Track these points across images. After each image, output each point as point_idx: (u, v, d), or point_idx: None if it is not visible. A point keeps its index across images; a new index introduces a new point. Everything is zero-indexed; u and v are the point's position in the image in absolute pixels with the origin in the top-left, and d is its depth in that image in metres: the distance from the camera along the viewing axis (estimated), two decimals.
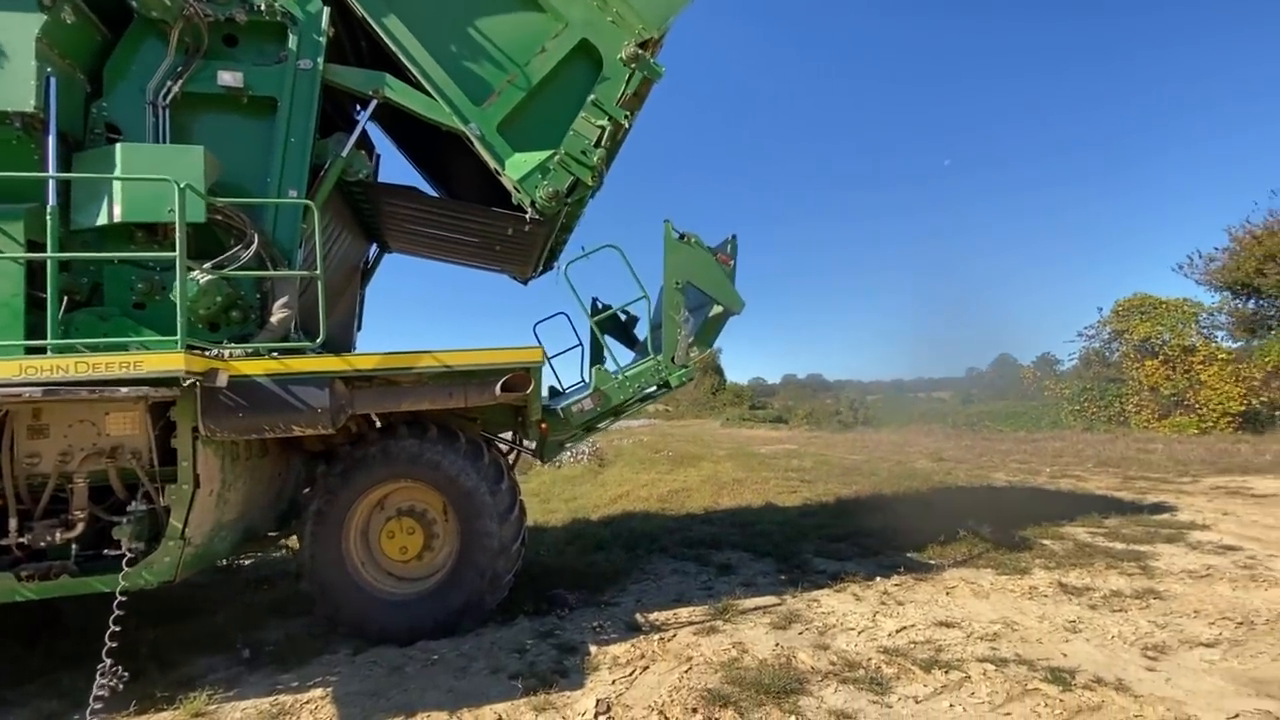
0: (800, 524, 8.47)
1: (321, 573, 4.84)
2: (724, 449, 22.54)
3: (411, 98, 5.08)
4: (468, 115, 5.08)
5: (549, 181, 5.05)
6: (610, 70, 5.25)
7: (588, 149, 5.08)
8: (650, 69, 5.24)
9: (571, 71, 5.30)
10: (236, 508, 4.89)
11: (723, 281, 5.36)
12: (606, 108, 5.18)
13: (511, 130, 5.22)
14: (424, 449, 4.90)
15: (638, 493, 11.66)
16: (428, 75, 5.04)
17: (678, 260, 5.31)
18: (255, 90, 4.79)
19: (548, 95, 5.28)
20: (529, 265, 7.04)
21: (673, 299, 5.30)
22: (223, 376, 4.00)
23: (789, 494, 11.38)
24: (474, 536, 4.88)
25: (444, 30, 5.16)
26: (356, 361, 4.46)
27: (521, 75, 5.20)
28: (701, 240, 5.39)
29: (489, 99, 5.16)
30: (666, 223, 5.35)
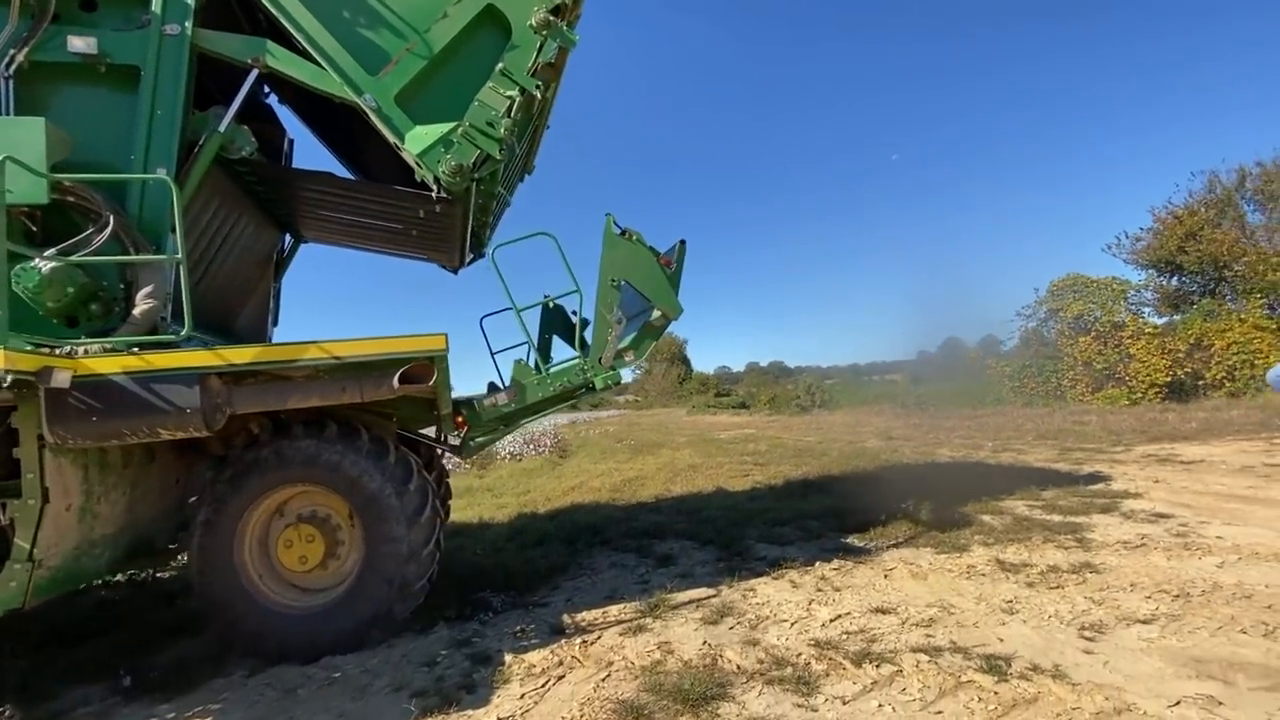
0: (746, 509, 8.08)
1: (212, 588, 4.25)
2: (685, 436, 22.21)
3: (298, 67, 4.46)
4: (361, 85, 4.47)
5: (453, 155, 4.47)
6: (520, 38, 4.68)
7: (494, 120, 4.51)
8: (564, 36, 4.70)
9: (478, 39, 4.72)
10: (113, 521, 4.26)
11: (662, 284, 4.83)
12: (516, 77, 4.62)
13: (412, 102, 4.62)
14: (321, 449, 4.33)
15: (591, 483, 11.16)
16: (315, 42, 4.42)
17: (616, 256, 4.78)
18: (114, 58, 4.14)
19: (452, 64, 4.69)
20: (453, 251, 6.45)
21: (606, 297, 4.77)
22: (61, 376, 3.37)
23: (740, 478, 11.01)
24: (380, 542, 4.33)
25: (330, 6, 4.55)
26: (230, 355, 3.86)
27: (421, 42, 4.61)
28: (644, 238, 4.86)
29: (385, 68, 4.55)
30: (608, 216, 4.83)
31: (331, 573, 4.54)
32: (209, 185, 5.03)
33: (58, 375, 3.35)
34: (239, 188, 5.45)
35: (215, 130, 4.38)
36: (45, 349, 3.57)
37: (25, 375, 3.21)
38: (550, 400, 4.81)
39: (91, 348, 3.66)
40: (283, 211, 6.19)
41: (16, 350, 3.19)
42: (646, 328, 4.98)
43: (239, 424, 4.59)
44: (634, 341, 4.99)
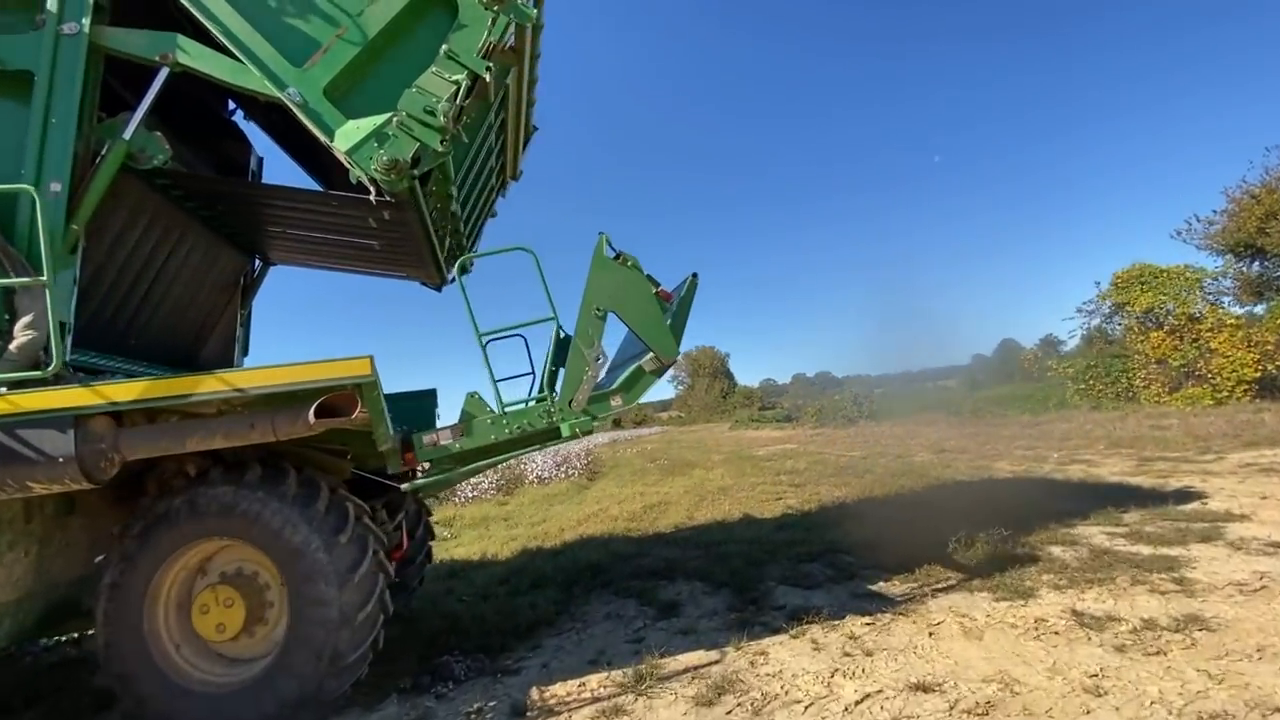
0: (772, 540, 7.10)
1: (120, 661, 3.63)
2: (721, 454, 21.16)
3: (213, 62, 3.88)
4: (284, 79, 3.86)
5: (387, 150, 3.80)
6: (467, 15, 3.99)
7: (433, 107, 3.84)
8: (518, 11, 4.01)
9: (421, 21, 4.07)
10: (14, 585, 3.70)
11: (655, 320, 4.01)
12: (463, 59, 3.93)
13: (347, 95, 3.97)
14: (240, 497, 3.69)
15: (610, 511, 10.34)
16: (230, 33, 3.85)
17: (604, 282, 4.00)
18: (6, 63, 3.65)
19: (392, 51, 4.03)
20: (427, 266, 5.79)
21: (587, 327, 3.98)
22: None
23: (771, 502, 10.00)
24: (306, 606, 3.63)
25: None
26: (111, 392, 3.25)
27: (354, 27, 3.97)
28: (640, 265, 4.08)
29: (313, 57, 3.95)
30: (602, 235, 4.07)
31: (261, 640, 3.86)
32: (131, 203, 4.54)
33: None
34: (176, 207, 4.95)
35: (120, 138, 3.84)
36: None
37: None
38: (507, 445, 4.00)
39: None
40: (238, 232, 5.69)
41: None
42: (639, 370, 4.18)
43: (174, 467, 4.03)
44: (625, 384, 4.20)
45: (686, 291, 4.72)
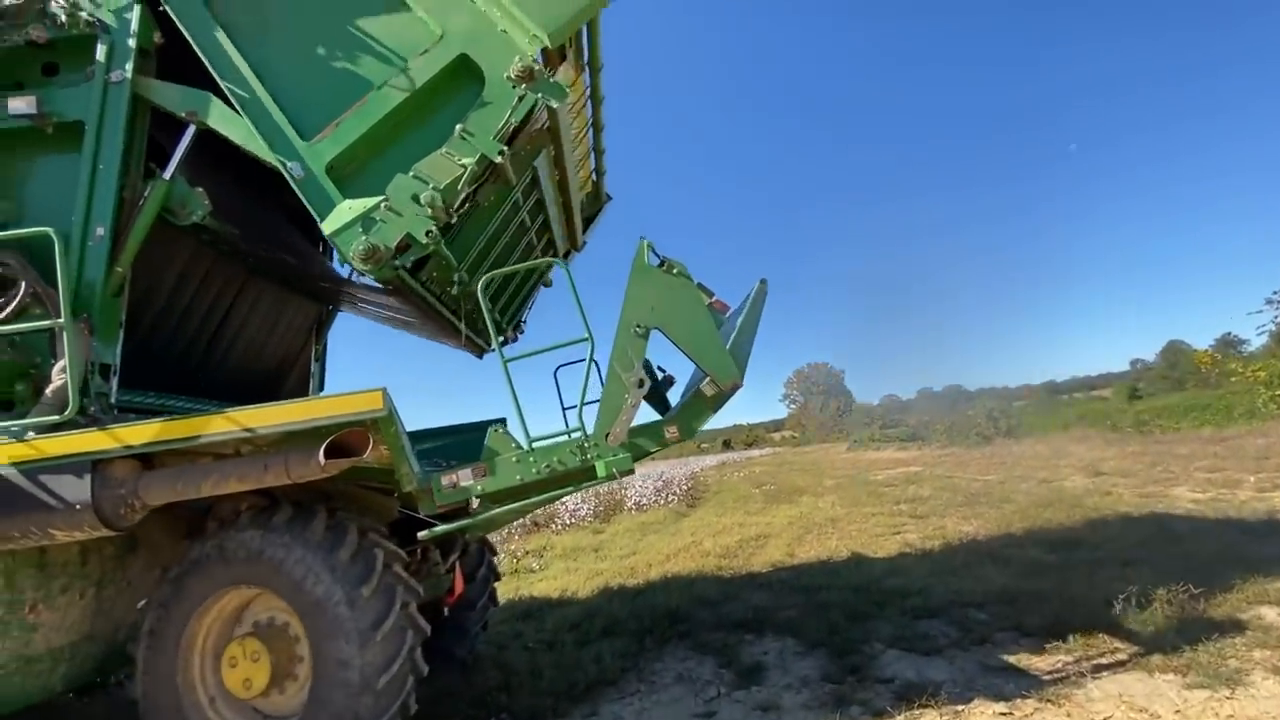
0: (883, 588, 6.06)
1: (155, 713, 3.48)
2: (835, 478, 19.62)
3: (232, 125, 3.75)
4: (288, 152, 3.69)
5: (371, 236, 3.51)
6: (492, 92, 3.67)
7: (430, 194, 3.51)
8: (550, 89, 3.62)
9: (447, 97, 3.79)
10: (70, 629, 3.71)
11: (708, 336, 3.40)
12: (476, 141, 3.60)
13: (355, 173, 3.75)
14: (266, 542, 3.46)
15: (704, 544, 9.58)
16: (245, 99, 3.73)
17: (645, 294, 3.45)
18: (60, 115, 3.77)
19: (411, 127, 3.79)
20: (457, 335, 5.51)
21: (626, 347, 3.43)
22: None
23: (887, 538, 8.79)
24: (327, 666, 3.30)
25: (282, 41, 3.88)
26: (124, 434, 3.13)
27: (372, 101, 3.75)
28: (689, 272, 3.52)
29: (323, 131, 3.75)
30: (643, 240, 3.56)
31: (292, 697, 3.59)
32: (187, 255, 4.61)
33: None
34: (238, 262, 5.02)
35: (160, 178, 3.84)
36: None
37: None
38: (538, 486, 3.49)
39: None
40: (304, 290, 5.74)
41: None
42: (697, 396, 3.56)
43: (231, 507, 3.92)
44: (680, 415, 3.60)
45: (753, 302, 4.03)
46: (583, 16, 3.75)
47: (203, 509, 3.95)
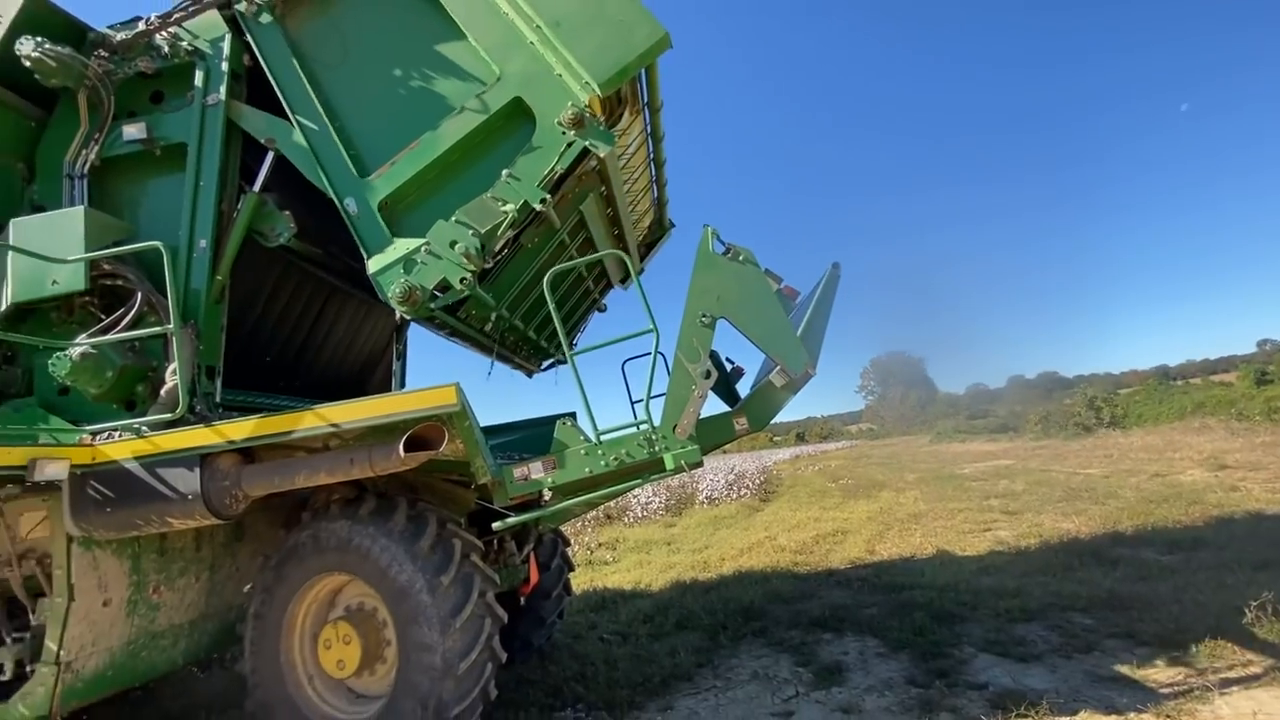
0: (975, 587, 5.72)
1: (261, 690, 3.75)
2: (916, 472, 18.76)
3: (300, 155, 3.96)
4: (345, 187, 3.84)
5: (411, 278, 3.62)
6: (542, 137, 3.70)
7: (467, 241, 3.57)
8: (599, 136, 3.61)
9: (499, 139, 3.86)
10: (188, 608, 4.06)
11: (777, 324, 3.32)
12: (522, 186, 3.64)
13: (406, 211, 3.88)
14: (354, 532, 3.65)
15: (779, 539, 9.38)
16: (311, 131, 3.92)
17: (710, 283, 3.41)
18: (166, 138, 4.09)
19: (461, 168, 3.88)
20: (505, 359, 5.60)
21: (691, 337, 3.40)
22: (52, 467, 3.13)
23: (977, 534, 8.31)
24: (411, 650, 3.45)
25: (351, 76, 4.06)
26: (227, 430, 3.36)
27: (426, 141, 3.85)
28: (755, 258, 3.46)
29: (381, 168, 3.89)
30: (707, 229, 3.54)
31: (381, 679, 3.78)
32: (279, 270, 4.91)
33: (47, 467, 3.11)
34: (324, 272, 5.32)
35: (251, 191, 4.10)
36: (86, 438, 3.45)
37: (7, 471, 2.99)
38: (608, 479, 3.49)
39: (114, 434, 3.44)
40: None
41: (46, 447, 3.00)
42: (767, 388, 3.48)
43: (324, 498, 4.18)
44: (750, 406, 3.52)
45: (824, 287, 3.88)
46: (636, 65, 3.68)
47: (300, 501, 4.23)
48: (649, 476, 3.46)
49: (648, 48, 3.62)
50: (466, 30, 3.84)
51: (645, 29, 3.60)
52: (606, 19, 3.65)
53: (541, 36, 3.69)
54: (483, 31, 3.83)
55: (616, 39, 3.62)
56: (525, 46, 3.74)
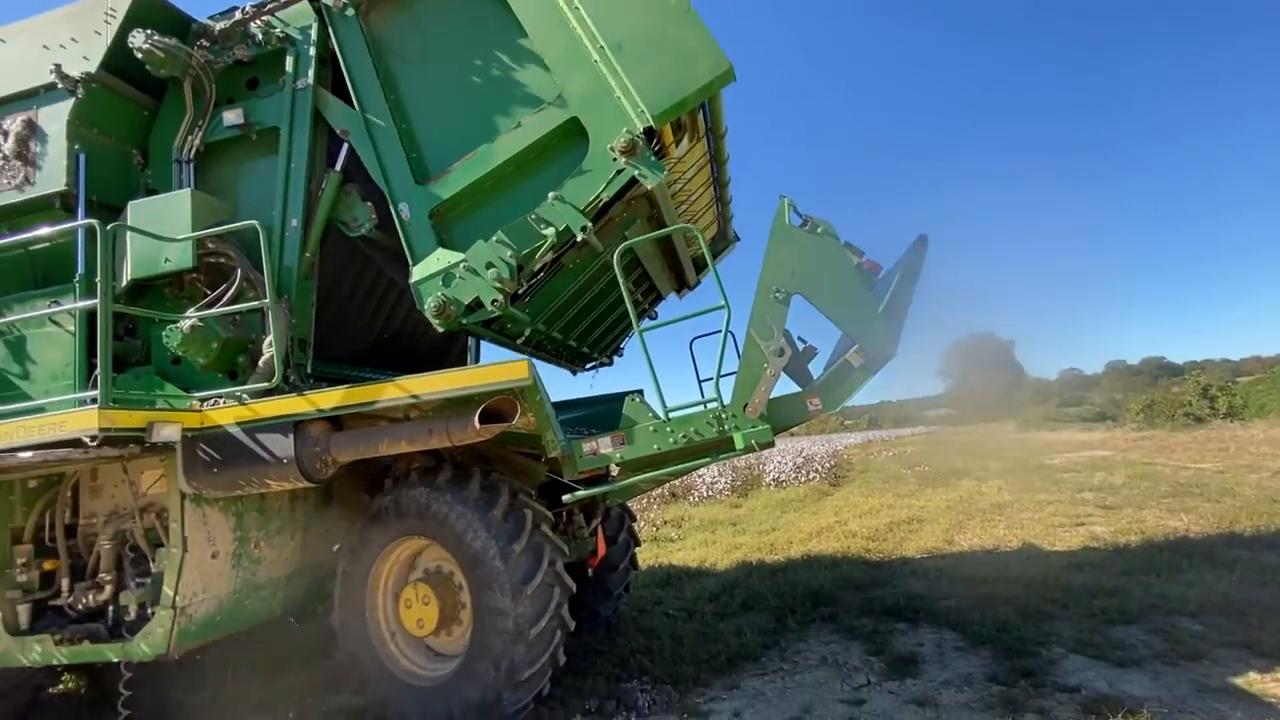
0: (1066, 584, 5.38)
1: (350, 642, 4.01)
2: (1001, 461, 17.79)
3: (367, 153, 4.07)
4: (400, 191, 3.94)
5: (448, 291, 3.67)
6: (593, 161, 3.66)
7: (502, 265, 3.57)
8: (649, 166, 3.51)
9: (551, 158, 3.85)
10: (284, 563, 4.37)
11: (857, 300, 3.20)
12: (565, 211, 3.61)
13: (456, 220, 3.96)
14: (432, 499, 3.81)
15: (850, 525, 9.14)
16: (377, 129, 4.04)
17: (786, 256, 3.31)
18: (261, 123, 4.32)
19: (512, 183, 3.91)
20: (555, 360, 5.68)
21: (765, 314, 3.31)
22: (166, 430, 3.41)
23: (1069, 529, 7.80)
24: (485, 614, 3.59)
25: (420, 80, 4.15)
26: (318, 399, 3.57)
27: (484, 153, 3.89)
28: (835, 231, 3.32)
29: (438, 176, 3.97)
30: (784, 200, 3.42)
31: (456, 639, 3.97)
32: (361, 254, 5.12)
33: (163, 430, 3.39)
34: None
35: (328, 183, 4.26)
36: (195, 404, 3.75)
37: (130, 432, 3.28)
38: (676, 456, 3.46)
39: (219, 401, 3.72)
40: None
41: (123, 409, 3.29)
42: (844, 366, 3.35)
43: (405, 466, 4.40)
44: (826, 383, 3.40)
45: (910, 261, 3.67)
46: (695, 99, 3.57)
47: (382, 469, 4.46)
48: (718, 455, 3.42)
49: (709, 81, 3.48)
50: (534, 41, 3.82)
51: (708, 60, 3.46)
52: (670, 46, 3.53)
53: (604, 57, 3.62)
54: (549, 44, 3.80)
55: (677, 68, 3.52)
56: (588, 65, 3.68)
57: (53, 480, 4.09)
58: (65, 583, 3.90)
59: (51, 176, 4.10)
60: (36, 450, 3.20)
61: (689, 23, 3.50)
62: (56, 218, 4.12)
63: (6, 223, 4.23)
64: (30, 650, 3.78)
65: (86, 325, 3.92)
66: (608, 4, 3.66)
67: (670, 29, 3.53)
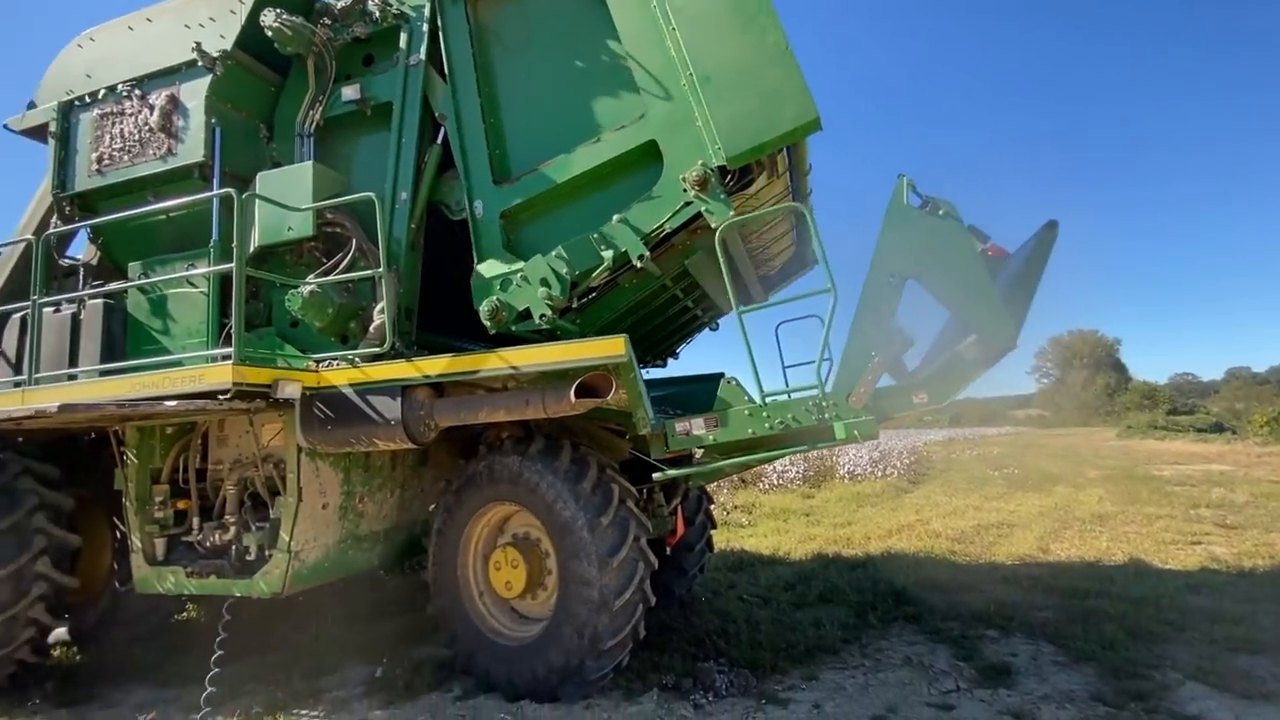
0: (1181, 606, 4.97)
1: (441, 597, 4.24)
2: (1101, 469, 16.59)
3: (454, 140, 4.21)
4: (477, 187, 4.06)
5: (503, 296, 3.77)
6: (663, 188, 3.61)
7: (558, 279, 3.62)
8: (717, 206, 3.42)
9: (623, 177, 3.85)
10: (381, 519, 4.65)
11: (980, 288, 3.00)
12: (628, 235, 3.60)
13: (520, 223, 4.06)
14: (524, 467, 3.93)
15: (932, 524, 8.78)
16: (465, 121, 4.17)
17: (902, 238, 3.15)
18: (375, 98, 4.51)
19: (581, 195, 3.93)
20: None
21: (876, 299, 3.19)
22: (290, 387, 3.67)
23: (1182, 547, 7.19)
24: (571, 582, 3.69)
25: (512, 76, 4.24)
26: (425, 366, 3.74)
27: (560, 162, 3.92)
28: (958, 213, 3.14)
29: (514, 178, 4.05)
30: (902, 179, 3.27)
31: (541, 604, 4.10)
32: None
33: (286, 387, 3.65)
34: None
35: (430, 157, 4.39)
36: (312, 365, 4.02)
37: (258, 388, 3.55)
38: (771, 441, 3.40)
39: (334, 362, 3.96)
40: None
41: (253, 366, 3.56)
42: (956, 358, 3.18)
43: (496, 434, 4.57)
44: (936, 376, 3.25)
45: (1036, 248, 3.43)
46: (774, 145, 3.47)
47: (473, 435, 4.64)
48: (814, 445, 3.35)
49: (791, 129, 3.36)
50: (629, 53, 3.79)
51: (795, 108, 3.33)
52: (758, 87, 3.42)
53: (691, 85, 3.56)
54: (644, 58, 3.77)
55: (762, 111, 3.41)
56: (676, 89, 3.64)
57: (186, 428, 4.49)
58: (196, 521, 4.30)
59: (191, 148, 4.43)
60: (180, 400, 3.53)
61: (782, 64, 3.38)
62: (194, 187, 4.47)
63: (150, 190, 4.61)
64: (166, 579, 4.21)
65: (219, 287, 4.26)
66: (704, 32, 3.58)
67: (762, 68, 3.42)
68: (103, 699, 4.20)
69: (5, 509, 4.15)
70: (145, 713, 3.91)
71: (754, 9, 3.47)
